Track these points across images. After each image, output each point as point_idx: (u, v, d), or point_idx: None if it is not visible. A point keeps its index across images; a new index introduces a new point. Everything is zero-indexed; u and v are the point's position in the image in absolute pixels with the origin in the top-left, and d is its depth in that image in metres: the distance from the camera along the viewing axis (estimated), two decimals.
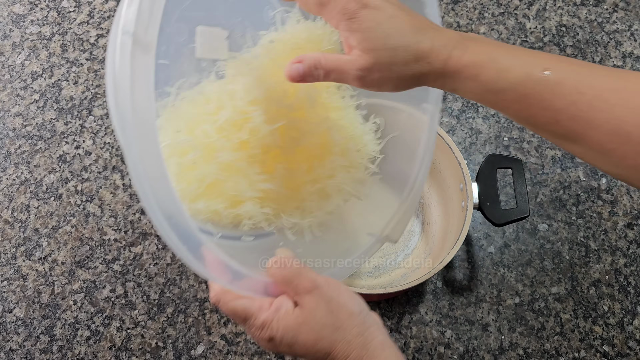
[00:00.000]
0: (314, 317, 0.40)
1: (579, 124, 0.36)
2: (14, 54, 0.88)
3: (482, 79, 0.38)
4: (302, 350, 0.40)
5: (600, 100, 0.35)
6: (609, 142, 0.36)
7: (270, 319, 0.40)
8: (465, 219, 0.64)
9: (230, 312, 0.41)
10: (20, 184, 0.80)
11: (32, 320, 0.72)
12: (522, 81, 0.37)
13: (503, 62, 0.38)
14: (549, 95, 0.37)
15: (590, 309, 0.73)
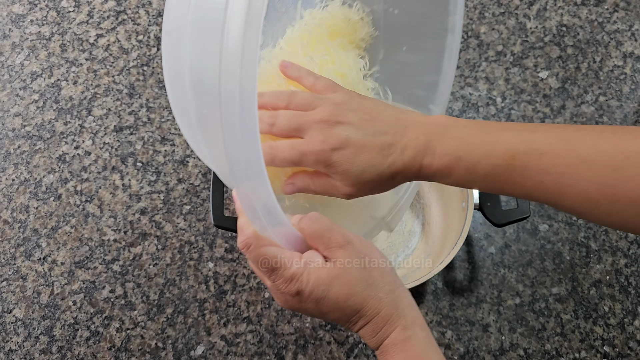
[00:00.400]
0: (347, 271, 0.39)
1: (550, 197, 0.41)
2: (13, 53, 0.88)
3: (455, 177, 0.43)
4: (330, 306, 0.39)
5: (565, 177, 0.39)
6: (580, 209, 0.40)
7: (300, 271, 0.38)
8: (465, 220, 0.64)
9: (259, 259, 0.38)
10: (20, 184, 0.79)
11: (32, 321, 0.72)
12: (490, 173, 0.41)
13: (469, 160, 0.42)
14: (517, 178, 0.41)
15: (590, 309, 0.73)
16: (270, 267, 0.38)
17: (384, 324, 0.39)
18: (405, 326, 0.39)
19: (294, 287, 0.38)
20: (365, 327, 0.40)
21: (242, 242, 0.38)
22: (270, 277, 0.39)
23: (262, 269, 0.39)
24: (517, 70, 0.87)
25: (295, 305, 0.40)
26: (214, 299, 0.73)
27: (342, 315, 0.39)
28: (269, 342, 0.71)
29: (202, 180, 0.80)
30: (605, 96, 0.85)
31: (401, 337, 0.39)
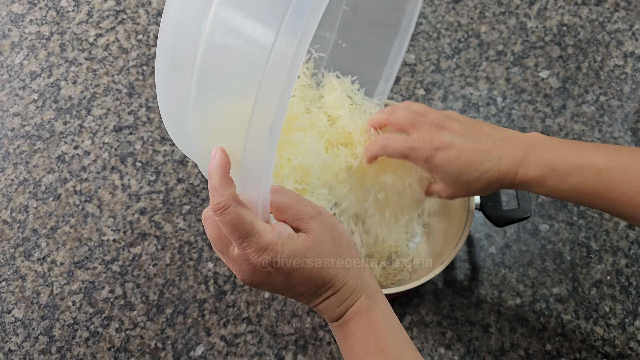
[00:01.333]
0: (320, 242, 0.39)
1: (631, 209, 0.46)
2: (12, 53, 0.88)
3: (547, 186, 0.48)
4: (302, 278, 0.38)
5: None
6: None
7: (274, 241, 0.37)
8: (466, 220, 0.64)
9: (235, 221, 0.36)
10: (19, 184, 0.79)
11: (31, 321, 0.72)
12: (580, 182, 0.46)
13: (561, 169, 0.47)
14: (603, 190, 0.46)
15: (591, 309, 0.72)
16: (246, 232, 0.36)
17: (350, 294, 0.40)
18: (368, 295, 0.41)
19: (267, 257, 0.37)
20: (330, 298, 0.40)
21: (219, 204, 0.35)
22: (242, 245, 0.37)
23: (234, 234, 0.36)
24: (518, 69, 0.87)
25: (261, 278, 0.38)
26: (214, 299, 0.73)
27: (310, 287, 0.39)
28: (268, 343, 0.71)
29: (201, 180, 0.79)
30: (606, 96, 0.85)
31: (365, 305, 0.40)
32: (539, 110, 0.84)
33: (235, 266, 0.39)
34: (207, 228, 0.39)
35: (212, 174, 0.36)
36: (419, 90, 0.85)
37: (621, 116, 0.84)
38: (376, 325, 0.40)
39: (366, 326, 0.40)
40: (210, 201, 0.36)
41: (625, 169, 0.45)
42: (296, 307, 0.73)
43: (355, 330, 0.40)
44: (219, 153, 0.37)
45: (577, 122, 0.83)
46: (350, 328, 0.40)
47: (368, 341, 0.40)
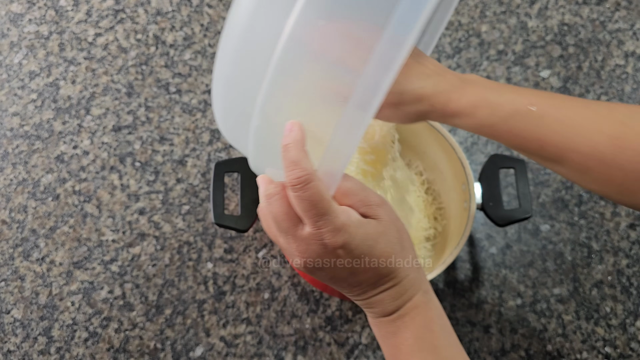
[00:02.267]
0: (390, 230, 0.38)
1: (561, 149, 0.44)
2: (11, 53, 0.87)
3: (478, 116, 0.45)
4: (369, 264, 0.37)
5: (578, 128, 0.43)
6: (587, 162, 0.43)
7: (349, 222, 0.36)
8: (467, 220, 0.64)
9: (316, 197, 0.34)
10: (18, 184, 0.79)
11: (30, 322, 0.72)
12: (512, 115, 0.44)
13: (494, 101, 0.45)
14: (534, 127, 0.44)
15: (592, 310, 0.72)
16: (324, 210, 0.35)
17: (410, 287, 0.39)
18: (425, 290, 0.40)
19: (341, 238, 0.35)
20: (390, 290, 0.39)
21: (300, 177, 0.34)
22: (317, 223, 0.35)
23: (311, 211, 0.35)
24: (519, 69, 0.86)
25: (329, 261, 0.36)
26: (213, 299, 0.73)
27: (374, 275, 0.38)
28: (268, 343, 0.71)
29: (201, 180, 0.79)
30: (607, 95, 0.85)
31: (423, 300, 0.39)
32: None
33: (302, 247, 0.37)
34: (272, 205, 0.37)
35: (291, 147, 0.35)
36: None
37: None
38: (432, 322, 0.39)
39: (422, 322, 0.39)
40: (288, 175, 0.35)
41: (558, 107, 0.44)
42: (296, 308, 0.73)
43: (410, 325, 0.39)
44: (297, 127, 0.35)
45: None
46: (405, 322, 0.39)
47: (423, 337, 0.39)
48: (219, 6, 0.91)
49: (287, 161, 0.35)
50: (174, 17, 0.90)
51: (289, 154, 0.35)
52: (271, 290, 0.73)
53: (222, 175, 0.64)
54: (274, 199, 0.37)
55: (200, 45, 0.88)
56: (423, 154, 0.76)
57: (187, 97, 0.84)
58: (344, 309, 0.73)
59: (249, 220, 0.63)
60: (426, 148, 0.74)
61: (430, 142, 0.72)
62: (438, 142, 0.70)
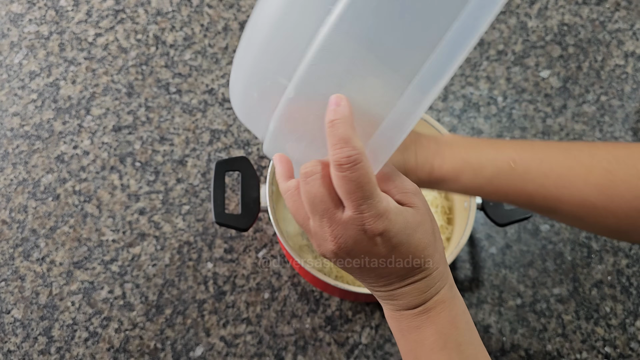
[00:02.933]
0: (426, 219, 0.36)
1: (551, 201, 0.43)
2: (11, 53, 0.87)
3: (462, 180, 0.45)
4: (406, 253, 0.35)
5: (563, 180, 0.42)
6: (578, 212, 0.43)
7: (389, 209, 0.34)
8: (468, 219, 0.64)
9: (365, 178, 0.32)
10: (18, 184, 0.79)
11: (30, 322, 0.72)
12: (495, 176, 0.44)
13: (475, 163, 0.45)
14: (520, 183, 0.44)
15: (592, 310, 0.72)
16: (369, 193, 0.33)
17: (438, 280, 0.37)
18: (451, 284, 0.39)
19: (382, 225, 0.33)
20: (419, 282, 0.37)
21: (350, 157, 0.32)
22: (360, 207, 0.33)
23: (357, 193, 0.33)
24: (518, 69, 0.86)
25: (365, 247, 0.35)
26: (213, 299, 0.73)
27: (407, 266, 0.36)
28: (268, 343, 0.71)
29: (201, 180, 0.79)
30: (607, 95, 0.85)
31: (449, 295, 0.38)
32: (540, 110, 0.84)
33: (339, 231, 0.34)
34: (310, 184, 0.34)
35: (339, 123, 0.32)
36: None
37: (622, 116, 0.84)
38: (457, 318, 0.38)
39: (448, 317, 0.37)
40: (336, 153, 0.32)
41: (540, 160, 0.43)
42: (296, 308, 0.73)
43: (436, 319, 0.37)
44: (345, 101, 0.33)
45: (577, 122, 0.83)
46: (430, 317, 0.37)
47: (448, 334, 0.37)
48: (219, 6, 0.91)
49: (334, 138, 0.32)
50: (174, 17, 0.90)
51: (337, 130, 0.32)
52: (271, 290, 0.73)
53: (223, 175, 0.64)
54: (312, 177, 0.34)
55: (200, 46, 0.88)
56: None
57: (187, 97, 0.84)
58: (344, 309, 0.73)
59: (250, 220, 0.63)
60: None
61: None
62: None
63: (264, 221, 0.77)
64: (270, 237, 0.76)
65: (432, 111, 0.84)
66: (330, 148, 0.33)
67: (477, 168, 0.44)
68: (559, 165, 0.43)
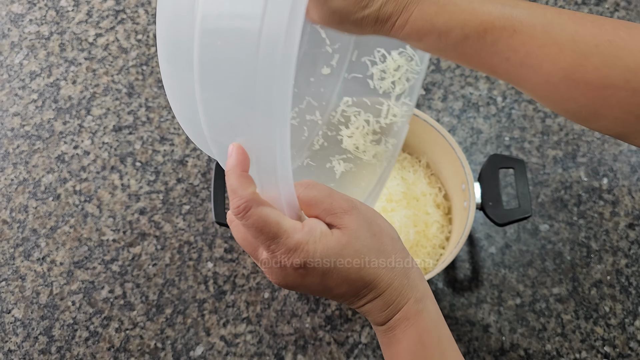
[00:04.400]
0: (357, 238, 0.35)
1: (513, 76, 0.40)
2: (12, 53, 0.88)
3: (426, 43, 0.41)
4: (339, 279, 0.35)
5: (531, 57, 0.39)
6: (540, 91, 0.40)
7: (305, 240, 0.34)
8: (467, 219, 0.64)
9: (259, 223, 0.33)
10: (19, 184, 0.79)
11: (31, 321, 0.72)
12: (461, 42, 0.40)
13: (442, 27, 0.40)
14: (485, 53, 0.40)
15: (591, 309, 0.72)
16: (272, 234, 0.33)
17: (397, 297, 0.36)
18: (417, 299, 0.37)
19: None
20: (374, 301, 0.36)
21: (239, 207, 0.33)
22: (270, 247, 0.34)
23: (260, 237, 0.33)
24: None
25: (295, 281, 0.35)
26: (213, 299, 0.73)
27: (350, 289, 0.35)
28: (268, 343, 0.71)
29: (201, 180, 0.79)
30: None
31: (413, 310, 0.36)
32: (539, 110, 0.84)
33: (267, 269, 0.35)
34: (233, 232, 0.36)
35: (229, 175, 0.33)
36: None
37: None
38: (425, 334, 0.36)
39: (414, 335, 0.36)
40: (231, 205, 0.33)
41: (513, 32, 0.39)
42: (296, 307, 0.73)
43: (401, 338, 0.36)
44: (235, 150, 0.33)
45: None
46: (396, 335, 0.36)
47: (415, 352, 0.36)
48: None
49: (228, 189, 0.34)
50: None
51: (228, 182, 0.33)
52: (271, 290, 0.74)
53: (223, 174, 0.64)
54: (232, 225, 0.37)
55: None
56: (423, 154, 0.76)
57: None
58: (344, 309, 0.73)
59: None
60: (426, 148, 0.74)
61: (430, 142, 0.72)
62: (437, 142, 0.70)
63: None
64: None
65: (432, 111, 0.84)
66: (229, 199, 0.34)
67: (443, 32, 0.40)
68: (531, 41, 0.39)
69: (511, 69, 0.40)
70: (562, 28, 0.39)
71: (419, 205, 0.73)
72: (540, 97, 0.41)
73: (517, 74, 0.40)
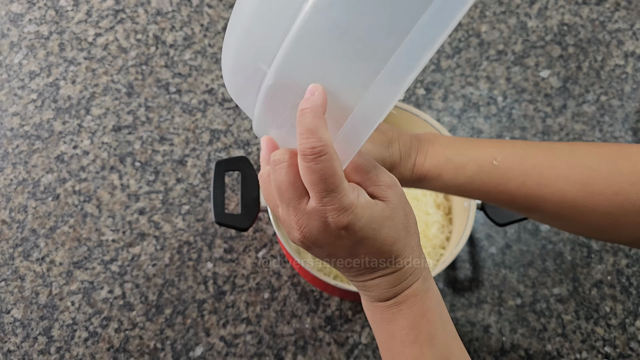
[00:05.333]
0: (397, 213, 0.36)
1: (532, 199, 0.44)
2: (11, 53, 0.87)
3: (444, 178, 0.46)
4: (372, 248, 0.35)
5: (545, 177, 0.43)
6: (559, 210, 0.43)
7: (355, 203, 0.33)
8: (468, 219, 0.64)
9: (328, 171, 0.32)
10: (18, 184, 0.79)
11: (30, 321, 0.72)
12: (477, 174, 0.45)
13: (457, 161, 0.45)
14: (501, 180, 0.44)
15: (592, 310, 0.72)
16: (333, 186, 0.32)
17: (410, 274, 0.37)
18: (425, 277, 0.38)
19: (346, 219, 0.33)
20: (388, 276, 0.37)
21: (314, 148, 0.31)
22: (323, 200, 0.33)
23: (318, 186, 0.32)
24: (518, 69, 0.86)
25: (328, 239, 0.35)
26: (213, 299, 0.73)
27: (374, 260, 0.36)
28: (268, 343, 0.71)
29: (200, 180, 0.79)
30: (607, 95, 0.85)
31: (422, 288, 0.37)
32: (540, 110, 0.84)
33: (303, 220, 0.34)
34: (277, 172, 0.34)
35: (307, 113, 0.32)
36: (419, 89, 0.85)
37: (622, 116, 0.84)
38: (429, 311, 0.37)
39: (420, 311, 0.37)
40: (302, 143, 0.32)
41: (522, 158, 0.44)
42: (295, 308, 0.73)
43: (407, 313, 0.37)
44: (319, 91, 0.32)
45: (577, 122, 0.83)
46: (401, 310, 0.37)
47: (419, 327, 0.37)
48: (219, 6, 0.91)
49: (302, 128, 0.32)
50: (174, 17, 0.90)
51: (305, 120, 0.32)
52: (271, 290, 0.73)
53: (223, 174, 0.64)
54: (280, 166, 0.34)
55: (200, 45, 0.88)
56: None
57: (187, 97, 0.84)
58: (344, 309, 0.73)
59: (250, 219, 0.63)
60: None
61: None
62: None
63: (264, 221, 0.77)
64: (270, 237, 0.76)
65: (432, 111, 0.84)
66: (298, 137, 0.32)
67: (459, 166, 0.45)
68: (540, 163, 0.43)
69: (529, 191, 0.44)
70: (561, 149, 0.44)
71: (419, 205, 0.73)
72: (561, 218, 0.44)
73: (535, 195, 0.43)
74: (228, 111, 0.83)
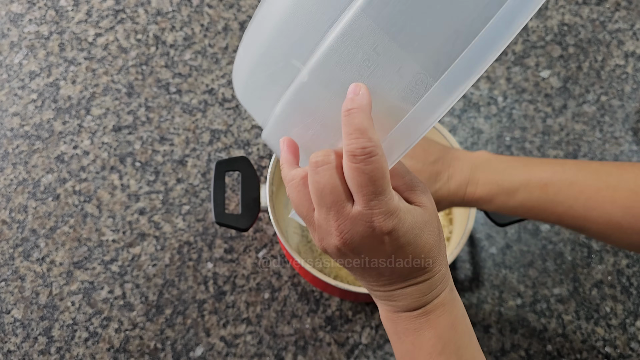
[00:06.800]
0: (434, 219, 0.35)
1: (579, 221, 0.47)
2: (11, 53, 0.87)
3: (495, 203, 0.49)
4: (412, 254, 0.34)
5: (591, 202, 0.46)
6: (605, 231, 0.46)
7: (399, 207, 0.32)
8: (468, 220, 0.64)
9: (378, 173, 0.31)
10: (18, 184, 0.79)
11: (30, 322, 0.72)
12: (527, 199, 0.48)
13: (508, 187, 0.48)
14: (550, 205, 0.47)
15: (592, 310, 0.72)
16: (381, 189, 0.31)
17: (440, 282, 0.36)
18: (452, 287, 0.38)
19: (391, 223, 0.32)
20: (421, 284, 0.36)
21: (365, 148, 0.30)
22: (370, 203, 0.31)
23: (367, 188, 0.31)
24: (519, 69, 0.86)
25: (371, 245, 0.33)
26: (213, 299, 0.73)
27: (411, 266, 0.35)
28: (268, 343, 0.71)
29: (201, 180, 0.79)
30: (607, 95, 0.85)
31: (449, 297, 0.37)
32: (540, 110, 0.84)
33: (346, 226, 0.33)
34: (320, 175, 0.32)
35: (356, 113, 0.31)
36: None
37: (622, 116, 0.84)
38: (457, 321, 0.37)
39: (448, 321, 0.36)
40: (351, 143, 0.30)
41: (570, 183, 0.46)
42: (296, 308, 0.73)
43: (436, 323, 0.36)
44: (364, 90, 0.31)
45: (578, 122, 0.83)
46: (430, 320, 0.36)
47: (447, 337, 0.36)
48: (219, 6, 0.91)
49: (350, 127, 0.31)
50: (174, 17, 0.90)
51: (354, 119, 0.30)
52: (271, 290, 0.73)
53: (223, 175, 0.64)
54: (323, 167, 0.32)
55: (201, 46, 0.88)
56: None
57: (187, 97, 0.84)
58: (344, 309, 0.73)
59: (250, 220, 0.63)
60: None
61: None
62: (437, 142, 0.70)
63: (264, 221, 0.77)
64: (270, 237, 0.76)
65: None
66: (345, 138, 0.31)
67: (510, 192, 0.48)
68: (587, 188, 0.46)
69: (576, 214, 0.46)
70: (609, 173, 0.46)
71: None
72: (606, 237, 0.47)
73: (582, 218, 0.46)
74: (228, 111, 0.83)
